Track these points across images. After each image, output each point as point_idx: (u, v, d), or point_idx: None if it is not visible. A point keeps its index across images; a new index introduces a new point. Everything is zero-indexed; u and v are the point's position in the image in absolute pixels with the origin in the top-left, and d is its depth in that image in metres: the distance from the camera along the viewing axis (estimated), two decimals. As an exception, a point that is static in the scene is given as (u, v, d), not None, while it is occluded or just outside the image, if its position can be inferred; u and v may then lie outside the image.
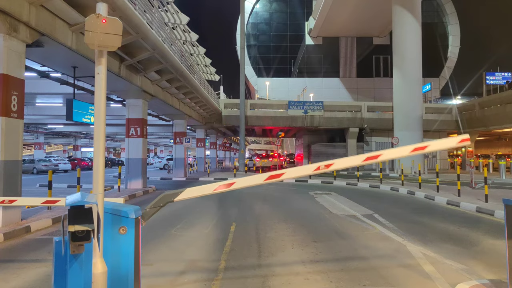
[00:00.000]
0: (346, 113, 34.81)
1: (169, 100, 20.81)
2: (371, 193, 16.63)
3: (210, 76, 35.38)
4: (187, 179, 25.44)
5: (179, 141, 26.31)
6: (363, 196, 15.30)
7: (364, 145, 36.72)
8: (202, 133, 35.77)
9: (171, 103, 21.45)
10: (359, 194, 16.09)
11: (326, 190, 17.62)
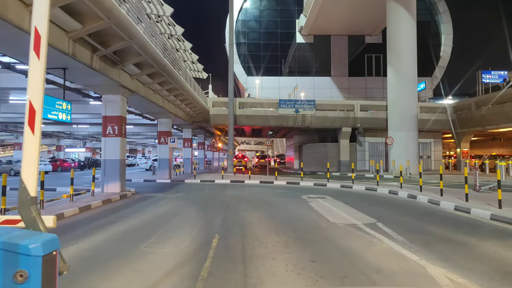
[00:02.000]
0: (338, 112, 33.66)
1: (151, 96, 19.39)
2: (368, 196, 15.40)
3: (197, 74, 33.96)
4: (172, 181, 24.03)
5: (164, 141, 24.88)
6: (361, 200, 14.07)
7: (357, 146, 35.63)
8: (189, 133, 34.34)
9: (154, 100, 20.04)
10: (356, 198, 14.86)
11: (319, 193, 16.37)
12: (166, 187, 20.05)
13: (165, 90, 20.75)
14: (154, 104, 20.79)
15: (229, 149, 31.09)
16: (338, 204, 12.73)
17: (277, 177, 23.43)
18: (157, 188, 19.54)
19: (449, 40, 52.12)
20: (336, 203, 12.85)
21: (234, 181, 23.18)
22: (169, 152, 24.94)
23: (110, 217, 10.31)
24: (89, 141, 62.43)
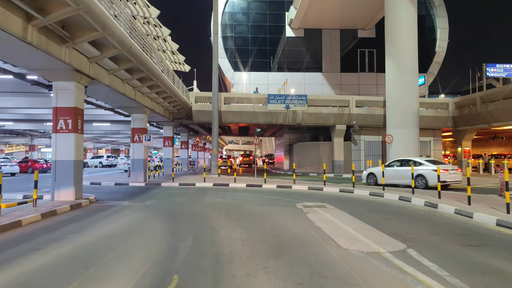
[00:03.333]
0: (332, 108, 31.10)
1: (119, 86, 16.51)
2: (376, 205, 12.77)
3: (178, 66, 31.14)
4: (147, 184, 21.15)
5: (138, 139, 21.98)
6: (370, 210, 11.42)
7: (352, 145, 33.11)
8: (170, 130, 31.45)
9: (123, 91, 17.16)
10: (362, 206, 12.22)
11: (316, 200, 13.70)
12: (137, 192, 17.19)
13: (136, 80, 17.90)
14: (124, 97, 17.92)
15: (213, 148, 28.30)
16: (344, 216, 10.06)
17: (266, 179, 20.74)
18: (125, 193, 16.67)
19: (445, 35, 49.98)
20: (341, 215, 10.17)
21: (217, 185, 20.42)
22: (144, 152, 22.06)
23: (36, 240, 7.48)
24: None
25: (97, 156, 57.71)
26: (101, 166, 52.75)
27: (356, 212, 10.69)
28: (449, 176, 16.60)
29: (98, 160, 53.93)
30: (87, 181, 22.74)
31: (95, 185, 21.60)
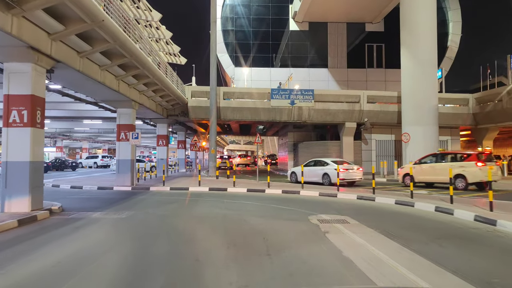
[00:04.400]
0: (341, 104, 28.42)
1: (95, 74, 13.89)
2: (409, 218, 10.13)
3: (174, 59, 28.53)
4: (134, 188, 18.54)
5: (124, 137, 19.38)
6: (406, 227, 8.78)
7: (362, 144, 30.42)
8: (164, 129, 28.84)
9: (102, 80, 14.54)
10: (392, 221, 9.59)
11: (333, 211, 11.07)
12: (118, 199, 14.57)
13: (118, 68, 15.30)
14: (104, 87, 15.30)
15: (211, 148, 25.67)
16: (377, 239, 7.40)
17: (270, 183, 18.07)
18: (104, 201, 14.06)
19: (458, 28, 47.20)
20: (373, 237, 7.52)
21: (214, 189, 17.81)
22: (131, 151, 19.44)
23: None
24: (60, 139, 56.40)
25: (92, 156, 55.17)
26: (96, 167, 50.24)
27: (391, 231, 8.04)
28: (348, 174, 18.92)
29: (93, 161, 51.42)
30: (67, 185, 20.21)
31: (76, 189, 19.06)
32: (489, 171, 10.26)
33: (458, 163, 16.86)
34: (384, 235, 7.68)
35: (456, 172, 16.11)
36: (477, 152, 17.44)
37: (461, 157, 17.46)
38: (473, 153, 17.24)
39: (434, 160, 18.27)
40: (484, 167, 15.67)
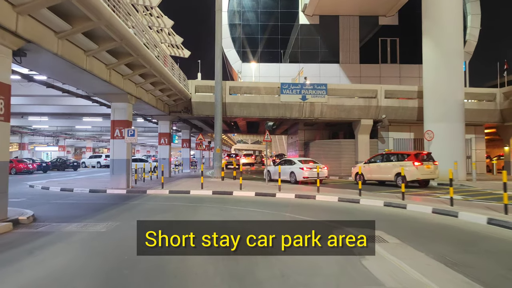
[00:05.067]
0: (357, 99, 26.30)
1: (79, 59, 11.96)
2: (465, 236, 8.06)
3: (176, 51, 26.59)
4: (129, 191, 16.62)
5: (119, 134, 17.47)
6: (472, 250, 6.73)
7: (379, 143, 28.27)
8: (167, 126, 26.92)
9: (89, 67, 12.62)
10: (442, 238, 7.56)
11: (360, 222, 9.02)
12: (107, 204, 12.65)
13: (108, 54, 13.37)
14: (93, 77, 13.40)
15: (216, 147, 23.68)
16: (439, 271, 5.35)
17: (281, 186, 16.03)
18: (90, 207, 12.15)
19: (477, 21, 44.77)
20: (430, 267, 5.48)
21: (218, 193, 15.84)
22: (126, 150, 17.53)
23: None
24: (62, 138, 54.81)
25: (95, 156, 53.50)
26: (100, 166, 48.59)
27: (450, 257, 5.99)
28: (311, 172, 19.30)
29: (96, 160, 49.79)
30: (58, 187, 18.39)
31: (66, 192, 17.22)
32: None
33: (399, 163, 18.16)
34: (444, 264, 5.63)
35: (397, 171, 17.74)
36: (415, 152, 18.68)
37: (402, 157, 18.76)
38: (411, 153, 18.48)
39: (381, 159, 19.70)
40: (420, 166, 17.52)
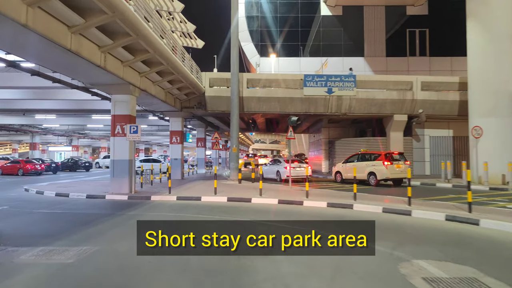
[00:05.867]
0: (389, 92, 23.48)
1: (62, 38, 9.64)
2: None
3: (189, 41, 24.22)
4: (131, 197, 14.30)
5: (121, 131, 15.19)
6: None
7: (414, 141, 25.35)
8: (179, 123, 24.60)
9: (76, 48, 10.30)
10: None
11: (433, 247, 6.44)
12: (98, 216, 10.33)
13: (99, 32, 11.04)
14: (83, 60, 11.09)
15: (232, 146, 21.24)
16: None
17: (309, 192, 13.43)
18: (75, 219, 9.86)
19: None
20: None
21: (233, 199, 13.39)
22: (129, 149, 15.23)
23: None
24: (76, 138, 53.27)
25: (108, 156, 51.79)
26: (113, 167, 46.81)
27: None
28: (295, 171, 20.23)
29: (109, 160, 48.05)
30: (54, 191, 16.23)
31: (60, 198, 15.06)
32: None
33: (372, 162, 18.87)
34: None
35: (369, 170, 18.66)
36: (385, 152, 18.97)
37: (374, 156, 19.11)
38: (382, 153, 18.85)
39: (357, 159, 20.05)
40: (390, 165, 17.93)
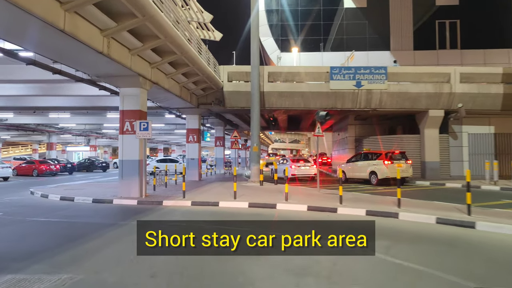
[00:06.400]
0: (424, 85, 21.39)
1: (54, 16, 8.12)
2: None
3: (206, 34, 22.64)
4: (141, 202, 12.77)
5: (130, 128, 13.68)
6: None
7: (450, 139, 23.18)
8: (195, 121, 23.08)
9: (70, 29, 8.76)
10: None
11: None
12: (99, 227, 8.81)
13: (100, 13, 9.50)
14: (80, 44, 9.57)
15: (252, 144, 19.56)
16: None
17: (342, 196, 11.61)
18: (70, 230, 8.37)
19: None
20: None
21: (256, 205, 11.70)
22: (139, 148, 13.71)
23: None
24: (94, 138, 52.55)
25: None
26: (130, 167, 45.81)
27: None
28: (300, 170, 20.98)
29: (127, 160, 47.05)
30: (59, 195, 14.84)
31: (64, 202, 13.67)
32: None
33: (373, 162, 18.99)
34: None
35: (371, 169, 18.81)
36: (385, 152, 19.08)
37: (375, 156, 19.19)
38: (383, 152, 18.96)
39: (359, 159, 20.38)
40: (391, 165, 17.88)
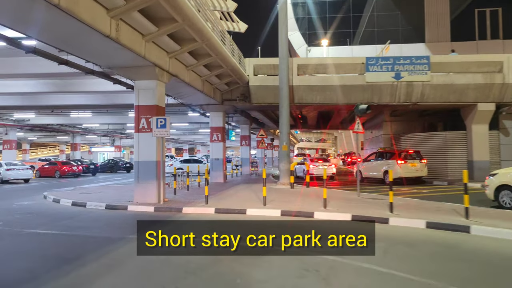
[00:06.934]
0: (472, 76, 19.20)
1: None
2: None
3: (230, 25, 21.09)
4: (158, 209, 11.29)
5: (146, 126, 12.23)
6: None
7: (501, 135, 20.87)
8: (220, 119, 21.57)
9: (66, 5, 7.31)
10: None
11: None
12: (105, 242, 7.34)
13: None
14: (83, 26, 8.14)
15: (282, 143, 17.86)
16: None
17: (393, 203, 9.76)
18: (67, 248, 6.93)
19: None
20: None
21: (288, 214, 10.01)
22: (156, 148, 12.24)
23: None
24: (118, 138, 51.99)
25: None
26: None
27: None
28: (318, 170, 21.16)
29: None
30: (71, 200, 13.58)
31: (76, 208, 12.38)
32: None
33: (387, 161, 19.15)
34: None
35: (385, 169, 18.52)
36: (399, 151, 19.20)
37: (389, 155, 19.35)
38: (396, 152, 19.06)
39: (375, 158, 20.69)
40: (404, 164, 18.24)
